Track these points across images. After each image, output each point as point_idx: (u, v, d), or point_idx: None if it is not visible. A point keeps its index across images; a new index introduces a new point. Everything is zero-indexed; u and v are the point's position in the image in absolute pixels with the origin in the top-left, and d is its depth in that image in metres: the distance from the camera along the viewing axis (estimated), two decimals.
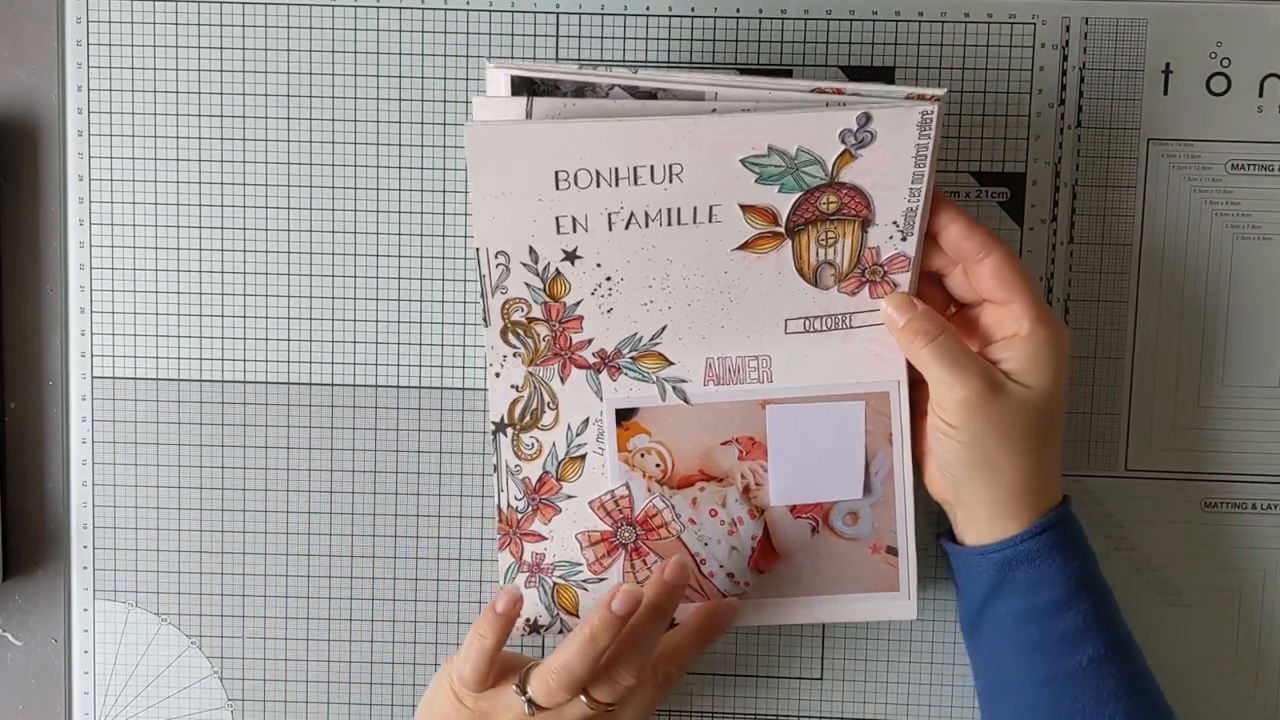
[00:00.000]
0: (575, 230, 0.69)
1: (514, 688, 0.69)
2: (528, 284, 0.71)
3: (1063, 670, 0.69)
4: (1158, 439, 0.77)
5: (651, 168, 0.67)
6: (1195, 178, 0.76)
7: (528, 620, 0.75)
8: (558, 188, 0.68)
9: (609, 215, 0.69)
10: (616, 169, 0.67)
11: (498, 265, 0.70)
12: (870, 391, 0.73)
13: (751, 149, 0.67)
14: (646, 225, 0.69)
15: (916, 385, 0.73)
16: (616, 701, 0.70)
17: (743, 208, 0.69)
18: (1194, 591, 0.78)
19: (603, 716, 0.70)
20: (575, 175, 0.67)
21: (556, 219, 0.69)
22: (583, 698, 0.69)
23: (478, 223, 0.69)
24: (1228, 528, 0.77)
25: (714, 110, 0.67)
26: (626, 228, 0.69)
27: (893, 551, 0.74)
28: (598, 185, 0.68)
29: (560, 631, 0.75)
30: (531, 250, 0.70)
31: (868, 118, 0.67)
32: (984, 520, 0.71)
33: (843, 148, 0.68)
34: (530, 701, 0.69)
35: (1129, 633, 0.71)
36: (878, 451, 0.73)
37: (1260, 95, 0.75)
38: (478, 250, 0.70)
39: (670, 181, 0.68)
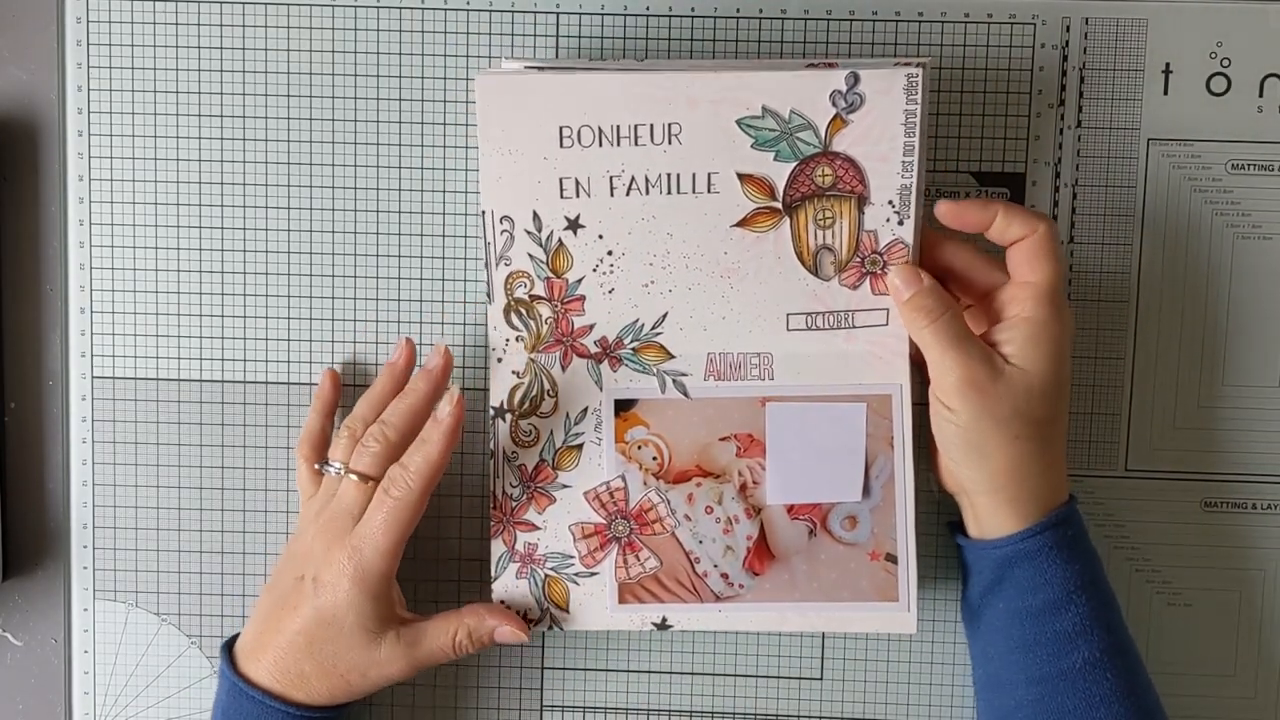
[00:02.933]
0: (578, 194, 0.70)
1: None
2: (531, 255, 0.72)
3: (1055, 671, 0.69)
4: (1158, 439, 0.77)
5: (651, 126, 0.69)
6: (1195, 178, 0.76)
7: (517, 613, 0.75)
8: (561, 145, 0.70)
9: (610, 179, 0.70)
10: (618, 126, 0.69)
11: (502, 232, 0.71)
12: (872, 394, 0.73)
13: (746, 109, 0.69)
14: (647, 192, 0.70)
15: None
16: (374, 474, 0.70)
17: (740, 177, 0.70)
18: (1194, 591, 0.78)
19: (365, 498, 0.70)
20: (578, 132, 0.69)
21: (560, 180, 0.70)
22: (351, 475, 0.71)
23: (484, 182, 0.71)
24: (1228, 528, 0.77)
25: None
26: (628, 194, 0.70)
27: (892, 559, 0.74)
28: (599, 144, 0.69)
29: (550, 627, 0.75)
30: (535, 216, 0.71)
31: (856, 78, 0.68)
32: (985, 510, 0.71)
33: (834, 111, 0.69)
34: (334, 467, 0.72)
35: (1129, 638, 0.71)
36: (878, 455, 0.73)
37: (1260, 95, 0.75)
38: (483, 214, 0.71)
39: (669, 142, 0.69)
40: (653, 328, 0.73)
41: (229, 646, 0.74)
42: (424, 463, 0.70)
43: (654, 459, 0.74)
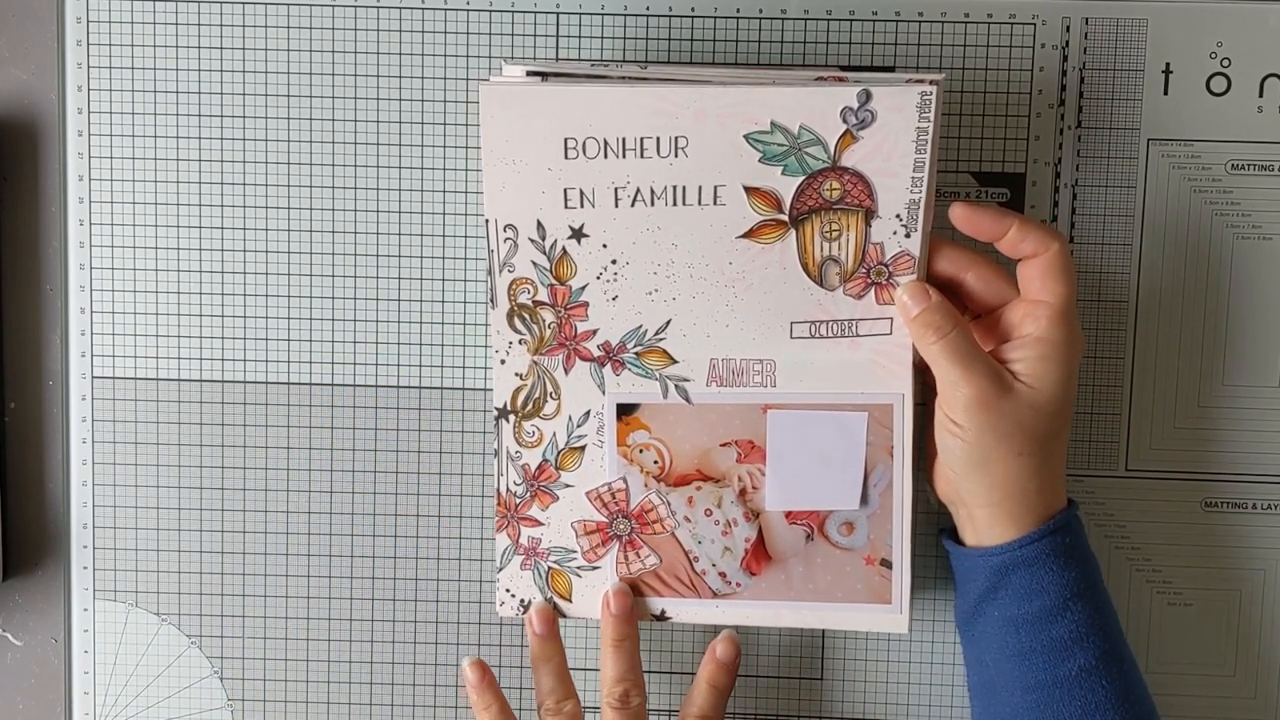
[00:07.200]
0: (583, 205, 0.70)
1: None
2: (534, 263, 0.71)
3: (1050, 678, 0.69)
4: (1158, 439, 0.77)
5: (658, 139, 0.69)
6: (1195, 178, 0.76)
7: (522, 601, 0.76)
8: (566, 156, 0.69)
9: (616, 190, 0.70)
10: (624, 139, 0.69)
11: (506, 240, 0.71)
12: (874, 403, 0.73)
13: (755, 124, 0.68)
14: (652, 203, 0.70)
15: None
16: None
17: (747, 190, 0.70)
18: (1194, 591, 0.78)
19: None
20: (584, 144, 0.69)
21: (565, 191, 0.70)
22: None
23: (488, 192, 0.70)
24: (1228, 528, 0.77)
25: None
26: (633, 205, 0.70)
27: (887, 564, 0.74)
28: (605, 156, 0.69)
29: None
30: (539, 225, 0.71)
31: (868, 95, 0.68)
32: (983, 521, 0.71)
33: (844, 128, 0.68)
34: None
35: (1124, 644, 0.71)
36: (877, 464, 0.73)
37: (1260, 95, 0.75)
38: (487, 223, 0.71)
39: (676, 155, 0.69)
40: (656, 333, 0.73)
41: None
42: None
43: (655, 462, 0.74)
